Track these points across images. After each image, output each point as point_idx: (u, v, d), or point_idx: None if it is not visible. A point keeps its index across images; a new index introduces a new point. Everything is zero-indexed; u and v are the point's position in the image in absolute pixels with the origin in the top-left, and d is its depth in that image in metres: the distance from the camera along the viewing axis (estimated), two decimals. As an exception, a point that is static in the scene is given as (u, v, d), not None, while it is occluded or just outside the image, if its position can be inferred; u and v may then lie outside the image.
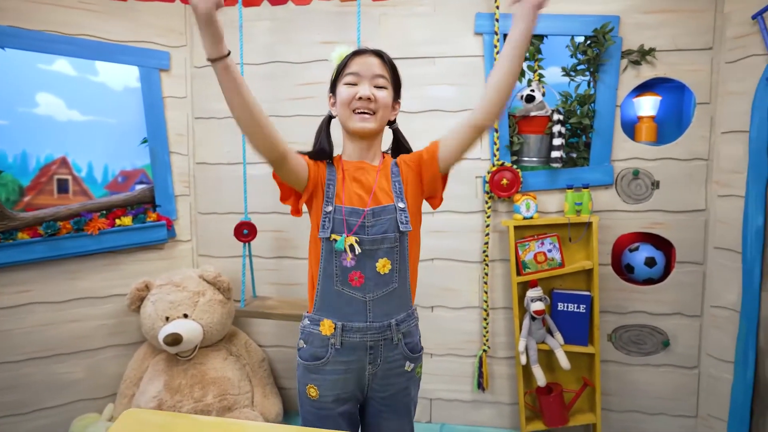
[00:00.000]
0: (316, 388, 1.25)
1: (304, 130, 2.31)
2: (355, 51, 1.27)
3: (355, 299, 1.22)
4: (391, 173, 1.28)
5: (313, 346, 1.25)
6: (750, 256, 2.04)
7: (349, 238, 1.19)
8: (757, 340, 2.05)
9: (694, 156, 2.16)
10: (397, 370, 1.27)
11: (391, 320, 1.24)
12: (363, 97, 1.22)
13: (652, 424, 2.29)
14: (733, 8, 2.06)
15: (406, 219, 1.23)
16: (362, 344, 1.23)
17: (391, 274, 1.23)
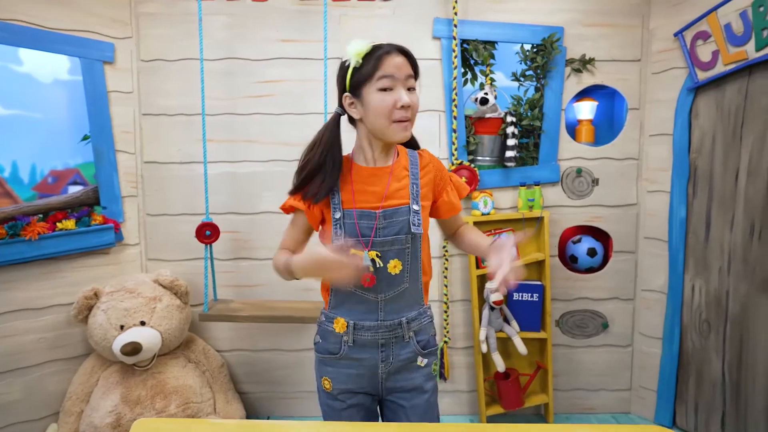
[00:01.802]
0: (330, 381, 1.28)
1: (261, 128, 2.30)
2: (384, 51, 1.14)
3: (367, 299, 1.24)
4: (410, 173, 1.25)
5: (328, 342, 1.28)
6: (675, 244, 2.32)
7: (370, 252, 1.19)
8: (681, 317, 2.33)
9: (627, 156, 2.41)
10: (410, 366, 1.27)
11: (402, 318, 1.25)
12: (405, 105, 1.14)
13: (594, 400, 2.52)
14: (657, 25, 2.32)
15: (419, 221, 1.21)
16: (374, 342, 1.24)
17: (402, 275, 1.23)
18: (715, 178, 2.17)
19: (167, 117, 2.30)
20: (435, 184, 1.28)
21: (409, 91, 1.17)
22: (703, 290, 2.23)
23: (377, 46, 1.17)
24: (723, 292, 2.16)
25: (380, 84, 1.14)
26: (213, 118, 2.23)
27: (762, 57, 1.95)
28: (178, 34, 2.26)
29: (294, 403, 2.43)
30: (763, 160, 2.01)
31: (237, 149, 2.31)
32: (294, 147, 2.31)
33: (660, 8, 2.30)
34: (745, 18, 1.98)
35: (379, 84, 1.14)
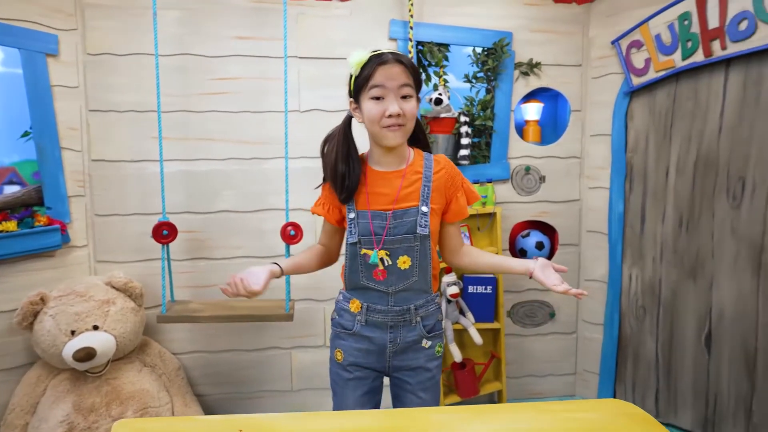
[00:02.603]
0: (342, 353, 1.40)
1: (219, 126, 2.26)
2: (379, 60, 1.22)
3: (378, 290, 1.35)
4: (423, 176, 1.32)
5: (344, 319, 1.41)
6: (614, 237, 2.51)
7: (380, 252, 1.30)
8: (620, 304, 2.52)
9: (571, 155, 2.57)
10: (415, 347, 1.39)
11: (410, 305, 1.36)
12: (393, 114, 1.21)
13: (543, 385, 2.68)
14: (596, 34, 2.50)
15: (425, 223, 1.29)
16: (384, 324, 1.36)
17: (411, 269, 1.33)
18: (649, 175, 2.36)
19: (117, 113, 2.22)
20: (447, 188, 1.36)
21: (405, 99, 1.24)
22: (639, 278, 2.43)
23: (376, 55, 1.23)
24: (656, 280, 2.36)
25: (372, 93, 1.22)
26: (167, 115, 2.17)
27: (687, 65, 2.15)
28: (127, 27, 2.18)
29: (256, 403, 2.41)
30: (690, 158, 2.21)
31: (193, 147, 2.26)
32: (253, 145, 2.29)
33: (598, 18, 2.48)
34: (672, 30, 2.18)
35: (371, 93, 1.22)
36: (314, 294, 2.39)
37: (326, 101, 2.32)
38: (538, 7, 2.45)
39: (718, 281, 2.15)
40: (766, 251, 2.00)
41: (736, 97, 2.06)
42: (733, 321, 2.11)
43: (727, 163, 2.10)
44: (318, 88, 2.32)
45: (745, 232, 2.06)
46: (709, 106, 2.14)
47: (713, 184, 2.14)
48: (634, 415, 1.07)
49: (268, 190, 2.31)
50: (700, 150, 2.18)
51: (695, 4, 2.09)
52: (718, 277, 2.15)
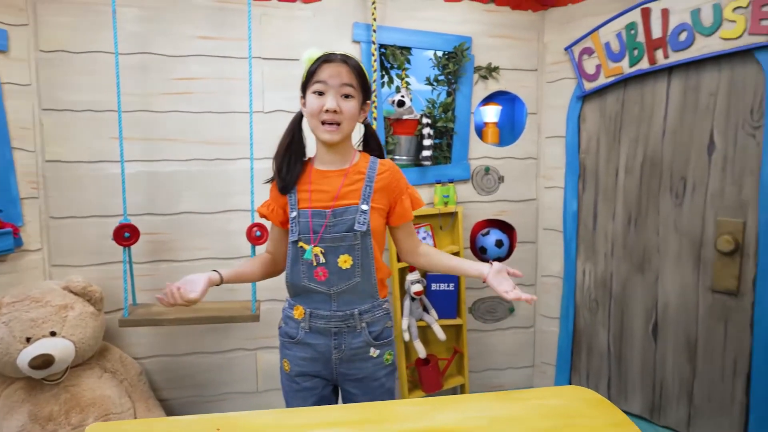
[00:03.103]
0: (289, 363, 1.40)
1: (180, 126, 2.24)
2: (324, 57, 1.28)
3: (320, 292, 1.33)
4: (366, 176, 1.35)
5: (289, 327, 1.40)
6: (568, 234, 2.63)
7: (315, 248, 1.29)
8: (575, 298, 2.64)
9: (528, 155, 2.68)
10: (362, 356, 1.37)
11: (354, 310, 1.34)
12: (330, 109, 1.26)
13: (503, 378, 2.77)
14: (550, 40, 2.61)
15: (364, 220, 1.30)
16: (327, 330, 1.34)
17: (353, 269, 1.33)
18: (600, 175, 2.49)
19: (72, 113, 2.15)
20: (390, 190, 1.37)
21: (346, 98, 1.28)
22: (592, 273, 2.56)
23: (325, 53, 1.29)
24: (608, 274, 2.49)
25: (314, 87, 1.28)
26: (127, 115, 2.12)
27: (634, 72, 2.29)
28: (83, 24, 2.12)
29: (221, 405, 2.39)
30: (637, 159, 2.35)
31: (153, 148, 2.22)
32: (216, 146, 2.28)
33: (552, 25, 2.59)
34: (620, 38, 2.31)
35: (313, 87, 1.28)
36: (280, 294, 2.36)
37: (290, 102, 2.33)
38: (496, 13, 2.54)
39: (663, 275, 2.30)
40: (705, 246, 2.16)
41: (678, 103, 2.21)
42: (677, 312, 2.26)
43: (671, 164, 2.24)
44: (282, 89, 2.32)
45: (687, 228, 2.21)
46: (654, 111, 2.28)
47: (658, 184, 2.29)
48: (592, 399, 1.15)
49: (232, 190, 2.30)
50: (646, 152, 2.32)
51: (640, 15, 2.23)
52: (663, 271, 2.29)
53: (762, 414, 2.02)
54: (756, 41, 1.95)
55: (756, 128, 2.00)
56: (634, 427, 1.02)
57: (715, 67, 2.09)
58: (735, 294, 2.08)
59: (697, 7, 2.06)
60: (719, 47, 2.03)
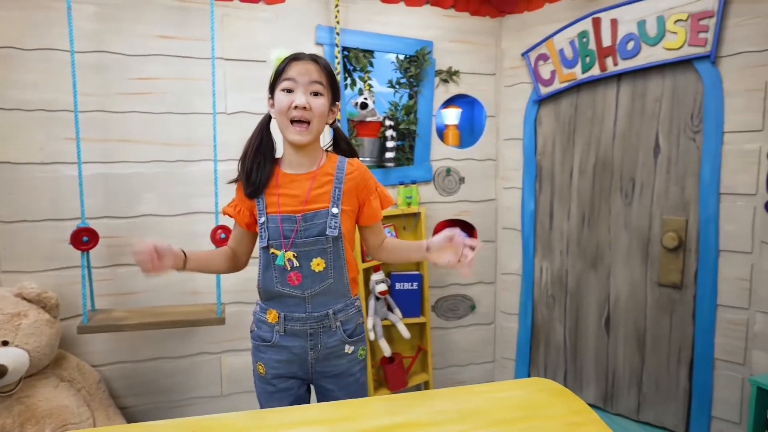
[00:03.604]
0: (264, 366, 1.37)
1: (140, 127, 2.19)
2: (293, 56, 1.28)
3: (294, 296, 1.33)
4: (334, 178, 1.34)
5: (262, 331, 1.38)
6: (526, 232, 2.73)
7: (287, 253, 1.29)
8: (533, 294, 2.75)
9: (487, 157, 2.76)
10: (338, 353, 1.38)
11: (328, 310, 1.35)
12: (299, 105, 1.25)
13: (465, 374, 2.85)
14: (508, 46, 2.70)
15: (335, 224, 1.30)
16: (303, 332, 1.34)
17: (326, 272, 1.33)
18: (556, 176, 2.61)
19: (23, 112, 2.07)
20: (359, 191, 1.37)
21: (315, 95, 1.28)
22: (549, 270, 2.67)
23: (293, 53, 1.30)
24: (563, 271, 2.61)
25: (283, 85, 1.27)
26: (83, 115, 2.05)
27: (586, 78, 2.41)
28: (35, 20, 2.04)
29: (184, 411, 2.35)
30: (590, 161, 2.48)
31: (111, 149, 2.16)
32: (177, 147, 2.24)
33: (509, 31, 2.69)
34: (573, 46, 2.42)
35: (282, 85, 1.28)
36: (244, 297, 2.37)
37: (253, 104, 2.32)
38: (456, 18, 2.61)
39: (614, 270, 2.43)
40: (652, 243, 2.29)
41: (626, 108, 2.34)
42: (627, 305, 2.39)
43: (620, 165, 2.37)
44: (245, 91, 2.31)
45: (635, 226, 2.34)
46: (605, 115, 2.41)
47: (609, 184, 2.41)
48: (554, 389, 1.22)
49: (195, 192, 2.27)
50: (598, 154, 2.44)
51: (591, 25, 2.34)
52: (614, 267, 2.42)
53: (702, 399, 2.17)
54: (694, 52, 2.09)
55: (696, 132, 2.15)
56: (593, 414, 1.09)
57: (660, 75, 2.23)
58: (679, 287, 2.22)
59: (643, 19, 2.19)
60: (663, 57, 2.17)
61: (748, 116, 2.01)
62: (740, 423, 2.09)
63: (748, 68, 2.00)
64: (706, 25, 2.05)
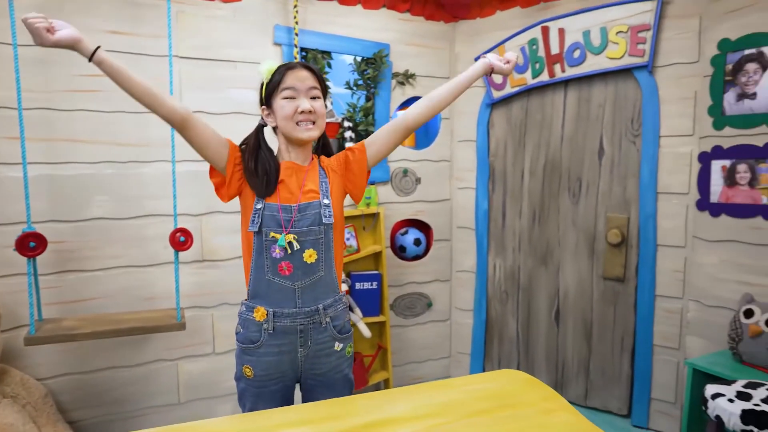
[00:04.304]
0: (251, 368, 1.35)
1: (89, 126, 2.09)
2: (287, 66, 1.34)
3: (284, 287, 1.33)
4: (319, 174, 1.41)
5: (249, 331, 1.36)
6: (480, 231, 2.83)
7: (288, 235, 1.31)
8: (487, 291, 2.85)
9: (442, 158, 2.84)
10: (327, 350, 1.38)
11: (318, 305, 1.36)
12: (305, 110, 1.33)
13: (422, 370, 2.92)
14: (461, 50, 2.79)
15: (329, 213, 1.36)
16: (293, 328, 1.34)
17: (318, 263, 1.35)
18: (508, 176, 2.72)
19: (-44, 109, 1.92)
20: (338, 165, 1.44)
21: (313, 99, 1.37)
22: (502, 267, 2.78)
23: (284, 63, 1.36)
24: (516, 267, 2.73)
25: (284, 94, 1.34)
26: (26, 112, 1.93)
27: (536, 83, 2.53)
28: (-30, 10, 1.90)
29: (140, 421, 2.25)
30: (540, 162, 2.60)
31: (58, 149, 2.05)
32: (129, 147, 2.15)
33: (462, 36, 2.78)
34: (524, 52, 2.54)
35: (283, 94, 1.34)
36: (201, 301, 2.32)
37: (211, 103, 2.27)
38: (412, 22, 2.66)
39: (563, 266, 2.57)
40: (597, 239, 2.45)
41: (573, 112, 2.48)
42: (575, 298, 2.54)
43: (568, 167, 2.51)
44: (201, 90, 2.25)
45: (582, 224, 2.49)
46: (553, 119, 2.54)
47: (558, 185, 2.55)
48: (524, 379, 1.29)
49: (149, 194, 2.19)
50: (547, 155, 2.58)
51: (541, 33, 2.47)
52: (563, 262, 2.57)
53: (643, 382, 2.34)
54: (634, 62, 2.26)
55: (636, 136, 2.32)
56: (563, 401, 1.17)
57: (603, 82, 2.39)
58: (622, 280, 2.39)
59: (588, 29, 2.34)
60: (606, 65, 2.32)
61: (681, 122, 2.20)
62: (675, 403, 2.28)
63: (681, 78, 2.19)
64: (644, 38, 2.21)
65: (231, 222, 2.35)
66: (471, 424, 1.07)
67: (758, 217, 1.96)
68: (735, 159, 2.02)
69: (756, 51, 1.94)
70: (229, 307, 2.38)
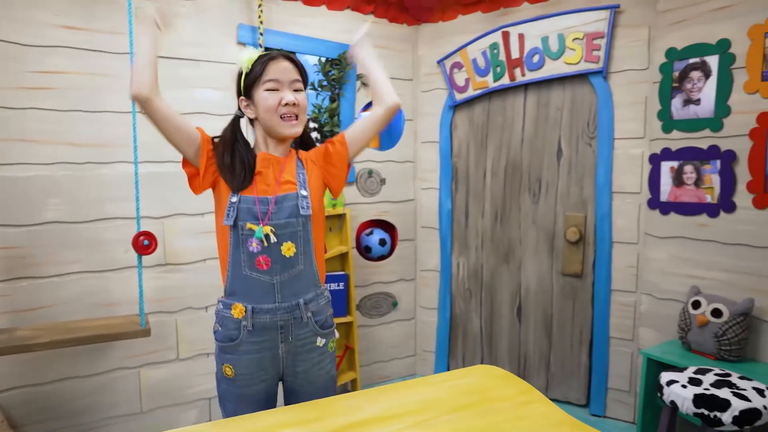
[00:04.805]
0: (232, 368, 1.32)
1: (41, 126, 2.00)
2: (270, 57, 1.31)
3: (262, 282, 1.30)
4: (296, 166, 1.39)
5: (227, 329, 1.32)
6: (443, 231, 2.89)
7: (265, 227, 1.27)
8: (451, 289, 2.91)
9: (406, 159, 2.88)
10: (309, 346, 1.35)
11: (299, 300, 1.32)
12: (289, 103, 1.30)
13: (389, 368, 2.95)
14: (424, 53, 2.84)
15: (307, 204, 1.32)
16: (273, 324, 1.30)
17: (297, 257, 1.32)
18: (470, 177, 2.79)
19: None
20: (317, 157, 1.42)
21: (297, 92, 1.34)
22: (465, 266, 2.85)
23: (264, 53, 1.32)
24: (479, 266, 2.80)
25: (267, 86, 1.30)
26: (-28, 111, 1.83)
27: (497, 86, 2.61)
28: None
29: None
30: (501, 163, 2.68)
31: (8, 149, 1.94)
32: (86, 148, 2.07)
33: (425, 40, 2.82)
34: (485, 56, 2.61)
35: (266, 86, 1.30)
36: (164, 306, 2.25)
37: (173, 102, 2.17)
38: (375, 24, 2.69)
39: (524, 263, 2.66)
40: (556, 237, 2.55)
41: (533, 115, 2.57)
42: (536, 294, 2.64)
43: (528, 167, 2.61)
44: (163, 89, 2.17)
45: (542, 222, 2.59)
46: (514, 121, 2.63)
47: (519, 185, 2.64)
48: (499, 374, 1.34)
49: (108, 197, 2.11)
50: (508, 157, 2.66)
51: (501, 37, 2.55)
52: (524, 260, 2.66)
53: (600, 373, 2.46)
54: (589, 67, 2.37)
55: (592, 138, 2.43)
56: (537, 393, 1.22)
57: (561, 87, 2.49)
58: (580, 276, 2.50)
59: (546, 35, 2.43)
60: (563, 70, 2.42)
61: (633, 125, 2.32)
62: (630, 391, 2.41)
63: (632, 84, 2.31)
64: (599, 45, 2.33)
65: (194, 224, 2.29)
66: (455, 419, 1.10)
67: (703, 215, 2.10)
68: (682, 160, 2.15)
69: (699, 60, 2.08)
70: (193, 311, 2.33)
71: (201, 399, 2.38)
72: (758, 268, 1.95)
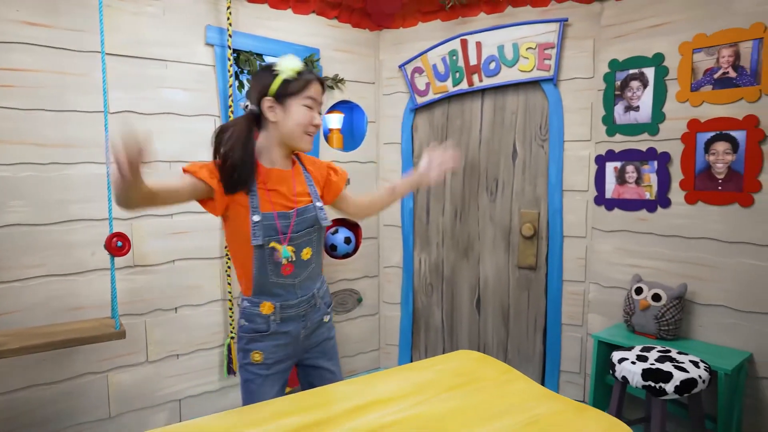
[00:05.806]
0: (261, 353, 1.44)
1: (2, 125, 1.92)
2: (315, 76, 1.42)
3: (287, 284, 1.44)
4: (305, 178, 1.48)
5: (255, 324, 1.44)
6: (406, 228, 3.01)
7: (288, 247, 1.38)
8: (413, 284, 3.04)
9: (369, 160, 2.97)
10: (320, 324, 1.55)
11: (313, 291, 1.51)
12: (317, 124, 1.43)
13: (354, 363, 3.03)
14: (386, 58, 2.94)
15: (324, 215, 1.47)
16: (297, 315, 1.47)
17: (312, 259, 1.48)
18: (431, 177, 2.92)
19: None
20: (321, 175, 1.55)
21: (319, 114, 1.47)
22: (427, 261, 2.98)
23: (309, 70, 1.42)
24: (440, 261, 2.94)
25: (306, 102, 1.39)
26: (-72, 109, 1.74)
27: (456, 91, 2.76)
28: None
29: (67, 440, 2.11)
30: (460, 164, 2.83)
31: (-33, 150, 1.86)
32: (51, 148, 2.01)
33: (386, 45, 2.93)
34: (445, 62, 2.75)
35: (305, 101, 1.39)
36: (133, 308, 2.22)
37: (139, 102, 2.19)
38: (339, 29, 2.76)
39: (483, 258, 2.82)
40: (512, 233, 2.73)
41: (489, 119, 2.74)
42: (494, 287, 2.81)
43: (486, 168, 2.77)
44: (129, 89, 2.16)
45: (499, 219, 2.76)
46: (472, 124, 2.78)
47: (477, 184, 2.80)
48: (479, 358, 1.46)
49: (73, 198, 2.06)
50: (467, 157, 2.82)
51: (460, 45, 2.69)
52: (483, 255, 2.82)
53: (554, 357, 2.67)
54: (541, 75, 2.56)
55: (543, 140, 2.63)
56: (516, 372, 1.35)
57: (515, 92, 2.67)
58: (534, 268, 2.69)
59: (502, 44, 2.60)
60: (518, 77, 2.60)
61: (581, 129, 2.53)
62: (580, 373, 2.63)
63: (580, 91, 2.53)
64: (550, 54, 2.52)
65: (164, 226, 2.28)
66: (452, 397, 1.21)
67: (643, 210, 2.34)
68: (624, 161, 2.38)
69: (638, 71, 2.31)
70: (162, 312, 2.31)
71: (171, 401, 2.37)
72: (690, 256, 2.20)
